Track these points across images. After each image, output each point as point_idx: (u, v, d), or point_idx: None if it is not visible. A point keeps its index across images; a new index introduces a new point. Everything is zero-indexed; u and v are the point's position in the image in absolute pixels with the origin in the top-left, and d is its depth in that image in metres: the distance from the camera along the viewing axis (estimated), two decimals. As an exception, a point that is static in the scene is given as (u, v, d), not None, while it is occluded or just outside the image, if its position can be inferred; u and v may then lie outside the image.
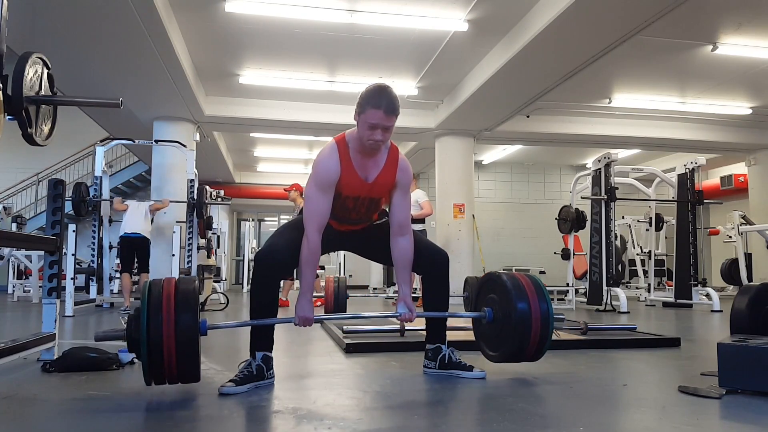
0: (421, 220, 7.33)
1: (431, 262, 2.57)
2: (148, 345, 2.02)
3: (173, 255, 6.42)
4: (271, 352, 2.41)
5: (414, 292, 7.61)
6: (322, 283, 7.02)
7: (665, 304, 7.78)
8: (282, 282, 7.36)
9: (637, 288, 9.75)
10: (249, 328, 2.43)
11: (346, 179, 2.35)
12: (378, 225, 2.61)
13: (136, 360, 2.87)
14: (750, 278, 9.58)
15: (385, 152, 2.42)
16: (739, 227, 9.44)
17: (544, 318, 2.43)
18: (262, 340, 2.39)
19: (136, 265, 6.87)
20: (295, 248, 2.36)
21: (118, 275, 8.44)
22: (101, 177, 7.56)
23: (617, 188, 7.23)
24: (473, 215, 9.69)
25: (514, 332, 2.43)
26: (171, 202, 8.44)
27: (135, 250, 6.79)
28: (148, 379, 2.10)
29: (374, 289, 13.98)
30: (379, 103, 2.24)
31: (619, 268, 8.23)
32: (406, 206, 2.49)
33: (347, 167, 2.35)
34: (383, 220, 2.62)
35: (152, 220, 7.29)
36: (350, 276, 14.01)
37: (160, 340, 2.02)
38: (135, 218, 6.89)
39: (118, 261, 9.11)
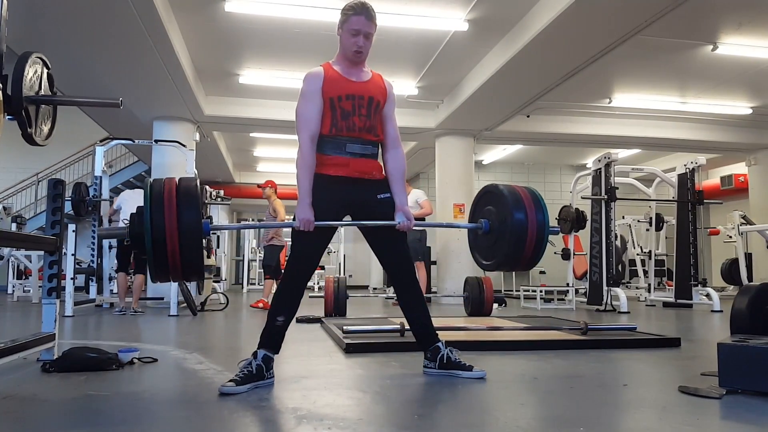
0: (421, 220, 7.32)
1: (399, 267, 2.61)
2: (153, 239, 2.03)
3: (173, 255, 6.42)
4: (272, 353, 2.41)
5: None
6: (321, 283, 6.99)
7: (665, 304, 7.77)
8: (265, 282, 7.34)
9: (637, 288, 9.74)
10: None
11: (331, 79, 2.51)
12: (385, 201, 2.56)
13: (135, 360, 2.87)
14: (750, 278, 9.58)
15: (369, 71, 2.63)
16: (740, 227, 9.44)
17: (540, 227, 2.49)
18: (273, 340, 2.43)
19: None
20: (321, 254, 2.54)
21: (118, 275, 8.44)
22: (101, 177, 7.55)
23: (617, 188, 7.22)
24: (473, 215, 9.67)
25: (510, 241, 2.49)
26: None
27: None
28: (154, 277, 2.14)
29: (374, 289, 13.98)
30: (360, 10, 2.48)
31: (620, 268, 8.23)
32: (395, 120, 2.69)
33: (331, 73, 2.54)
34: (388, 195, 2.57)
35: None
36: (350, 276, 14.02)
37: (163, 234, 2.03)
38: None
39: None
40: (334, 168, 2.47)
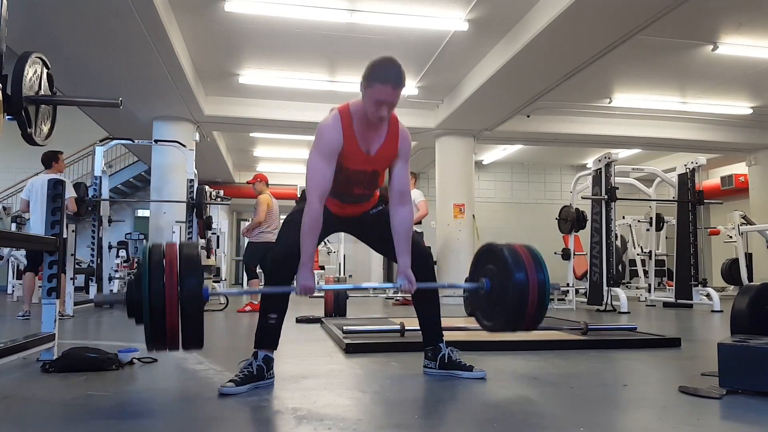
0: (418, 222, 7.30)
1: (414, 257, 2.53)
2: (150, 309, 1.96)
3: (173, 255, 6.40)
4: (273, 352, 2.41)
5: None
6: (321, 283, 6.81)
7: (666, 305, 7.77)
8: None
9: (637, 288, 9.74)
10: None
11: (348, 150, 2.35)
12: (377, 213, 2.59)
13: (135, 360, 2.87)
14: (750, 278, 9.57)
15: (385, 123, 2.43)
16: (740, 227, 9.43)
17: (541, 288, 2.42)
18: (269, 337, 2.40)
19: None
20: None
21: (117, 275, 8.44)
22: (101, 177, 7.57)
23: (617, 188, 7.22)
24: (473, 215, 9.69)
25: (511, 302, 2.41)
26: (170, 202, 8.43)
27: None
28: (150, 345, 2.05)
29: (374, 289, 13.97)
30: (386, 77, 2.26)
31: (620, 268, 8.23)
32: (406, 175, 2.52)
33: (350, 138, 2.35)
34: (380, 208, 2.59)
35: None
36: (350, 276, 14.01)
37: (162, 304, 1.96)
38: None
39: (117, 261, 9.11)
40: (332, 203, 2.46)
